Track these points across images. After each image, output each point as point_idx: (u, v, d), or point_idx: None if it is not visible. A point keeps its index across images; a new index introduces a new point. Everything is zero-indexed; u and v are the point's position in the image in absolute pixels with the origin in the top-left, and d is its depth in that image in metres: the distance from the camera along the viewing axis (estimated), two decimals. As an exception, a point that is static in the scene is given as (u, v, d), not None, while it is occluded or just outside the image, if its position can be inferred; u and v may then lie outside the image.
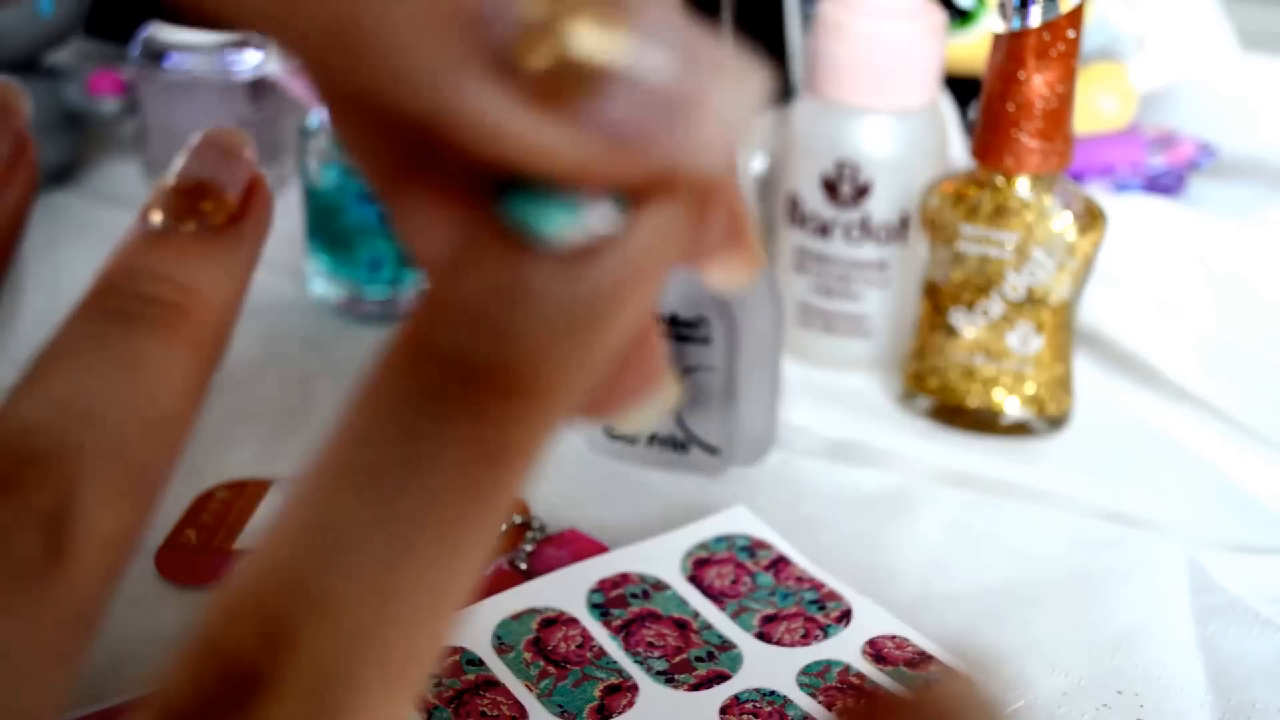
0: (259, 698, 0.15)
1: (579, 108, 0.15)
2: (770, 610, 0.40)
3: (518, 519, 0.44)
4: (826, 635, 0.39)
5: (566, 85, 0.14)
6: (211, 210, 0.19)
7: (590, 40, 0.15)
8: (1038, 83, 0.45)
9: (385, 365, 0.16)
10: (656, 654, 0.38)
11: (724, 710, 0.36)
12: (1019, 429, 0.51)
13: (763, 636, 0.39)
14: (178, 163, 0.20)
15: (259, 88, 0.66)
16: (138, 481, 0.18)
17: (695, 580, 0.41)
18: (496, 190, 0.16)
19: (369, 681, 0.15)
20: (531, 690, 0.37)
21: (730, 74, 0.15)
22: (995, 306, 0.49)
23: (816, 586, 0.41)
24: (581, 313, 0.16)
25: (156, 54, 0.64)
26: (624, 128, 0.15)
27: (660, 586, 0.41)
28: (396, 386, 0.16)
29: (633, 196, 0.16)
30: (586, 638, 0.39)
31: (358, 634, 0.15)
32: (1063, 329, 0.49)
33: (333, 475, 0.16)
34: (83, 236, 0.63)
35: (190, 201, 0.19)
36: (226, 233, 0.19)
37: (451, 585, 0.16)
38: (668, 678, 0.37)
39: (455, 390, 0.15)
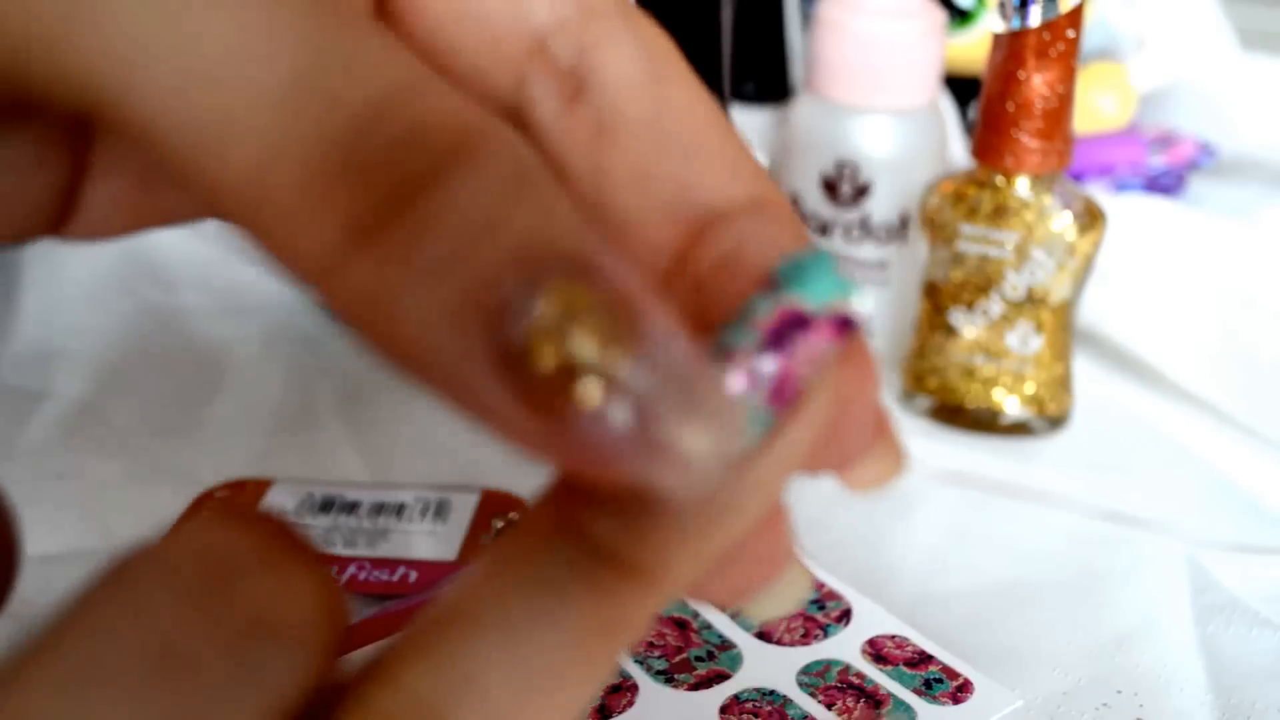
0: None
1: (567, 413, 0.16)
2: (770, 610, 0.40)
3: (516, 518, 0.44)
4: (826, 635, 0.39)
5: (561, 389, 0.16)
6: None
7: (593, 351, 0.16)
8: (1038, 83, 0.45)
9: (525, 532, 0.19)
10: (656, 653, 0.38)
11: (724, 710, 0.36)
12: (1019, 429, 0.51)
13: (762, 636, 0.39)
14: None
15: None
16: None
17: (695, 580, 0.41)
18: None
19: None
20: (531, 690, 0.37)
21: (704, 415, 0.16)
22: (995, 306, 0.49)
23: (816, 586, 0.41)
24: (712, 518, 0.18)
25: (156, 54, 0.64)
26: (599, 443, 0.16)
27: (660, 586, 0.41)
28: (534, 553, 0.18)
29: (776, 413, 0.18)
30: (586, 637, 0.39)
31: None
32: (1063, 329, 0.49)
33: (468, 617, 0.18)
34: (83, 236, 0.63)
35: None
36: None
37: None
38: (667, 677, 0.37)
39: (586, 569, 0.18)
